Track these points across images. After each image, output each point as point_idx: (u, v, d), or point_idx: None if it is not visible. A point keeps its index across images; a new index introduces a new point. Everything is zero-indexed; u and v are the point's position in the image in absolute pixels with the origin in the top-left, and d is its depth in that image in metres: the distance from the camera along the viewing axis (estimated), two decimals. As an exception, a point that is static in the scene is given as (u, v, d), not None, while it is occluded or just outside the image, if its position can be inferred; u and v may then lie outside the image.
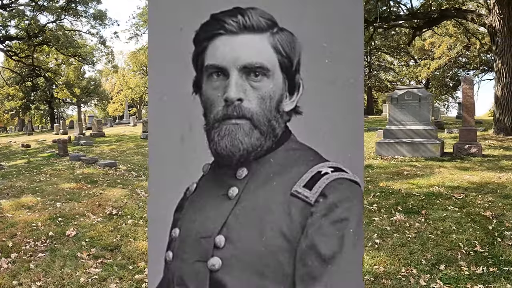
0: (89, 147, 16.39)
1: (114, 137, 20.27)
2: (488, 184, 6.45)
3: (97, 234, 4.70)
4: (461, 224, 4.56)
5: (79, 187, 7.55)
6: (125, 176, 8.85)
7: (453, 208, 5.14)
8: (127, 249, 4.18)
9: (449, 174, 7.40)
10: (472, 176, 7.18)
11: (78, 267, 3.74)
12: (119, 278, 3.47)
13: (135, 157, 12.43)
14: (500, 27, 13.10)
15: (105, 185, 7.75)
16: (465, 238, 4.14)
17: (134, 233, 4.68)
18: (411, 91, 10.02)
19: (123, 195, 6.70)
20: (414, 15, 17.16)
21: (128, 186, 7.53)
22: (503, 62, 13.19)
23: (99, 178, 8.49)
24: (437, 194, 5.92)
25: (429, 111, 9.75)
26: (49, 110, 46.44)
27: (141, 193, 6.81)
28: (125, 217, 5.39)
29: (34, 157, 14.06)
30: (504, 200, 5.47)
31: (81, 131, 21.15)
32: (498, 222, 4.58)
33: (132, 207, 5.87)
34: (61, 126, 26.50)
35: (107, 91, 52.03)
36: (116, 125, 34.14)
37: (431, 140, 9.53)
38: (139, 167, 10.17)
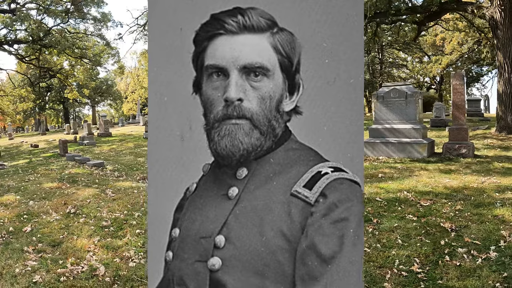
0: (91, 147, 16.45)
1: (119, 137, 20.33)
2: (465, 190, 5.86)
3: (48, 230, 4.91)
4: (410, 236, 4.01)
5: (58, 187, 7.75)
6: (106, 176, 8.96)
7: (411, 217, 4.58)
8: (67, 245, 4.37)
9: (427, 178, 6.86)
10: (451, 180, 6.61)
11: (19, 259, 3.99)
12: (46, 271, 3.67)
13: (127, 157, 12.51)
14: (501, 19, 12.37)
15: (82, 185, 7.91)
16: (406, 254, 3.58)
17: (80, 231, 4.83)
18: (397, 88, 9.56)
19: (91, 195, 6.85)
20: (414, 9, 16.63)
21: (103, 186, 7.66)
22: (505, 56, 12.40)
23: (82, 178, 8.64)
24: (402, 200, 5.39)
25: (416, 109, 9.27)
26: (63, 110, 47.23)
27: (109, 193, 6.91)
28: (80, 215, 5.56)
29: (37, 157, 14.15)
30: (474, 209, 4.83)
31: (89, 131, 21.33)
32: (457, 236, 3.98)
33: (91, 207, 6.02)
34: (71, 126, 27.01)
35: (121, 91, 52.32)
36: (128, 124, 34.49)
37: (418, 140, 9.06)
38: (125, 168, 10.25)
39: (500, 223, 4.28)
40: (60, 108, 47.98)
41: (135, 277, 3.43)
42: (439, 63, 27.08)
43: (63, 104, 45.41)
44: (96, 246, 4.26)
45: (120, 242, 4.34)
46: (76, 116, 55.35)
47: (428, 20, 18.91)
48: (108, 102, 54.92)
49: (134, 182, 8.01)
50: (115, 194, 6.82)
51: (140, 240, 4.36)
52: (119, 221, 5.13)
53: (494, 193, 5.60)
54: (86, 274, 3.55)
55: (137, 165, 10.65)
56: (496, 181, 6.35)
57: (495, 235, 3.94)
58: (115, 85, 51.99)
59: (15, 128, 49.93)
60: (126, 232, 4.67)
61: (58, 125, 54.87)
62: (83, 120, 37.58)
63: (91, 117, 52.35)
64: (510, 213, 4.59)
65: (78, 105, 49.39)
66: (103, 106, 58.81)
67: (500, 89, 12.72)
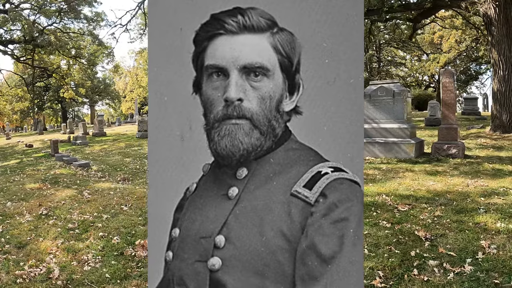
0: (83, 147, 16.38)
1: (113, 137, 20.26)
2: (448, 193, 5.43)
3: (17, 232, 4.88)
4: (378, 246, 3.68)
5: (39, 188, 7.71)
6: (89, 177, 8.92)
7: (385, 224, 4.23)
8: (31, 247, 4.35)
9: (411, 180, 6.46)
10: (436, 182, 6.20)
11: (-16, 260, 3.97)
12: (6, 272, 3.67)
13: (115, 157, 12.38)
14: (496, 16, 11.91)
15: (62, 186, 7.86)
16: (370, 266, 3.26)
17: (46, 233, 4.81)
18: (384, 86, 9.15)
19: (68, 196, 6.80)
20: (407, 6, 16.30)
21: (82, 187, 7.61)
22: (499, 53, 11.93)
23: (64, 179, 8.59)
24: (379, 204, 5.04)
25: (403, 107, 8.93)
26: (61, 109, 47.38)
27: (86, 194, 6.88)
28: (51, 217, 5.53)
29: (28, 157, 14.10)
30: (455, 215, 4.43)
31: (84, 131, 21.41)
32: (431, 246, 3.61)
33: (64, 208, 6.00)
34: (67, 126, 27.05)
35: (119, 90, 52.28)
36: (125, 123, 34.42)
37: (405, 140, 8.68)
38: (109, 168, 10.18)
39: (481, 232, 3.92)
40: (59, 107, 48.07)
41: (86, 281, 3.39)
42: (437, 62, 26.95)
43: (61, 104, 45.38)
44: (58, 249, 4.25)
45: (81, 245, 4.32)
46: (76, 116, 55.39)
47: (422, 17, 18.55)
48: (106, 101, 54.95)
49: (114, 183, 7.92)
50: (91, 195, 6.76)
51: (101, 243, 4.33)
52: (87, 223, 5.10)
53: (479, 198, 5.17)
54: (42, 277, 3.51)
55: (122, 165, 10.49)
56: (483, 184, 5.98)
57: (474, 246, 3.56)
58: (113, 85, 51.92)
59: (15, 127, 50.18)
60: (90, 234, 4.64)
61: (56, 124, 55.00)
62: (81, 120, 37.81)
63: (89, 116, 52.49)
64: (494, 220, 4.21)
65: (76, 104, 49.45)
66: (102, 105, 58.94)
67: (495, 87, 12.33)
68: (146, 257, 3.74)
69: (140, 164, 10.47)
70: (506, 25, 11.84)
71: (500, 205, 4.77)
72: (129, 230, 4.69)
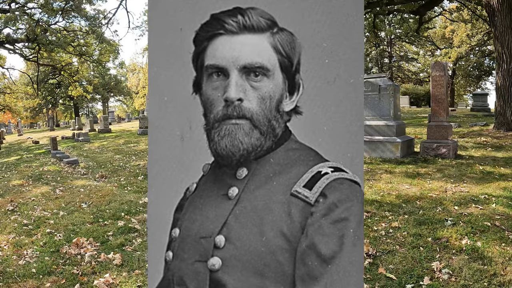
0: (83, 144, 16.46)
1: (117, 133, 20.37)
2: (420, 200, 4.94)
3: None
4: None
5: (21, 184, 7.80)
6: (73, 174, 8.99)
7: None
8: None
9: (385, 183, 5.97)
10: (411, 186, 5.72)
11: None
12: None
13: (107, 154, 12.43)
14: (499, 5, 11.15)
15: (42, 183, 7.94)
16: None
17: (4, 228, 4.91)
18: (370, 81, 8.59)
19: (42, 193, 6.86)
20: None
21: (59, 184, 7.67)
22: (503, 46, 11.21)
23: (48, 176, 8.70)
24: None
25: (390, 103, 8.41)
26: (73, 106, 48.08)
27: (57, 191, 6.91)
28: (15, 213, 5.63)
29: (29, 154, 14.17)
30: (415, 227, 3.94)
31: (91, 127, 21.73)
32: (370, 264, 3.22)
33: (30, 205, 6.06)
34: (76, 122, 27.52)
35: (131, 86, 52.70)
36: (135, 119, 34.70)
37: (391, 139, 8.21)
38: (96, 165, 10.20)
39: (440, 250, 3.40)
40: (71, 104, 48.71)
41: (15, 275, 3.48)
42: (448, 57, 26.35)
43: (73, 100, 46.11)
44: (8, 243, 4.34)
45: (26, 241, 4.39)
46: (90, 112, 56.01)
47: (425, 9, 17.93)
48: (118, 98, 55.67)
49: (91, 181, 7.95)
50: (62, 192, 6.83)
51: (44, 239, 4.39)
52: (42, 220, 5.18)
53: (452, 206, 4.65)
54: (-19, 268, 3.61)
55: (108, 162, 10.47)
56: (464, 190, 5.41)
57: (423, 267, 3.07)
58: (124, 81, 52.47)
59: (29, 124, 50.89)
60: (40, 231, 4.73)
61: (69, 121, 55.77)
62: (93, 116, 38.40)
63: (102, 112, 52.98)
64: (459, 236, 3.66)
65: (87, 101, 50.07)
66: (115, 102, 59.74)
67: (499, 82, 11.51)
68: (76, 255, 3.88)
69: (126, 161, 10.46)
70: (509, 15, 11.09)
71: (474, 216, 4.22)
72: (75, 228, 4.75)
